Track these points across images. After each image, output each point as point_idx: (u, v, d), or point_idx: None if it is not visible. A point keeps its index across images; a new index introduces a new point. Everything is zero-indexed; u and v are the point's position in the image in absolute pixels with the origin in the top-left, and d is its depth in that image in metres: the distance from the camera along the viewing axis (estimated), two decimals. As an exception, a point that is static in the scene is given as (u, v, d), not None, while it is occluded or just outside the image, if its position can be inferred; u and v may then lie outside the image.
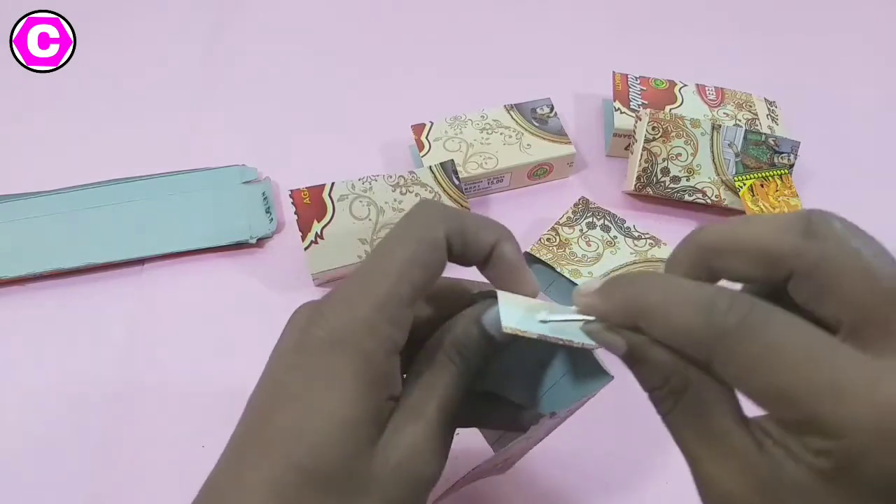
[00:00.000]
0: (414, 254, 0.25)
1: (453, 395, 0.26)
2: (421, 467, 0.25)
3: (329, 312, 0.25)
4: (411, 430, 0.25)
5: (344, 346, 0.24)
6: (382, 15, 0.67)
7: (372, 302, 0.24)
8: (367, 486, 0.24)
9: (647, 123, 0.52)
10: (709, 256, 0.25)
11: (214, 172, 0.53)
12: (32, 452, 0.41)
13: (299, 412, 0.24)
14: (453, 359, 0.27)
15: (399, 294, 0.25)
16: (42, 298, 0.47)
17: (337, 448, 0.23)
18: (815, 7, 0.70)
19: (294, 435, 0.24)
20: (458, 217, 0.27)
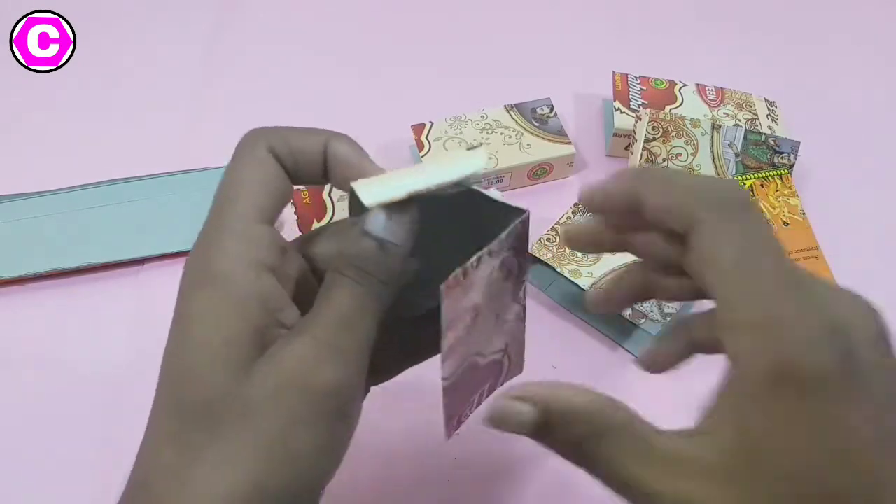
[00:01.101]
0: (243, 174, 0.26)
1: (350, 302, 0.24)
2: (311, 377, 0.23)
3: (195, 252, 0.26)
4: (296, 343, 0.24)
5: (200, 277, 0.24)
6: (382, 15, 0.67)
7: (214, 227, 0.25)
8: (245, 406, 0.23)
9: (647, 123, 0.52)
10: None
11: (214, 172, 0.53)
12: (33, 452, 0.41)
13: (173, 351, 0.24)
14: (345, 272, 0.25)
15: (239, 213, 0.25)
16: (42, 298, 0.47)
17: (209, 376, 0.23)
18: (816, 7, 0.70)
19: (167, 372, 0.24)
20: (279, 132, 0.27)
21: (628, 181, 0.26)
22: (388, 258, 0.25)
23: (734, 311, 0.22)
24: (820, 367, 0.21)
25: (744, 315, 0.22)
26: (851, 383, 0.21)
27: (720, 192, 0.24)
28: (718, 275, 0.23)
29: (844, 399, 0.21)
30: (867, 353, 0.21)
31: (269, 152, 0.26)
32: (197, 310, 0.24)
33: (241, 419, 0.23)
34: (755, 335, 0.22)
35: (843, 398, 0.21)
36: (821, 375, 0.21)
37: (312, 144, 0.27)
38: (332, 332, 0.24)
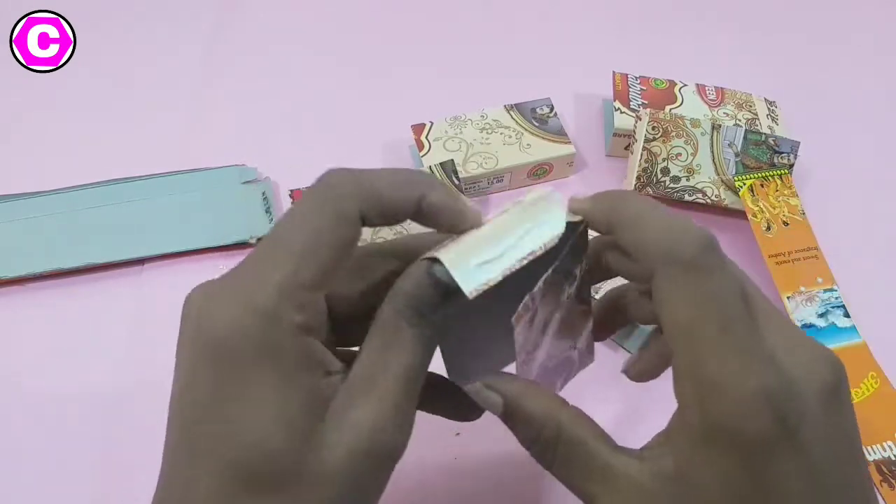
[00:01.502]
0: (318, 232, 0.23)
1: (412, 360, 0.24)
2: (379, 445, 0.23)
3: (222, 303, 0.22)
4: (363, 406, 0.23)
5: (245, 341, 0.22)
6: (382, 15, 0.67)
7: (269, 291, 0.22)
8: (314, 475, 0.22)
9: (647, 123, 0.52)
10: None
11: (214, 172, 0.53)
12: (33, 452, 0.41)
13: (221, 418, 0.22)
14: (409, 319, 0.24)
15: (301, 280, 0.22)
16: (42, 298, 0.47)
17: (271, 444, 0.22)
18: (816, 7, 0.70)
19: (222, 438, 0.22)
20: (370, 184, 0.24)
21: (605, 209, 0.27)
22: (450, 304, 0.25)
23: (680, 366, 0.23)
24: (754, 431, 0.21)
25: (689, 372, 0.23)
26: (787, 445, 0.22)
27: (684, 243, 0.24)
28: (668, 329, 0.24)
29: (778, 460, 0.22)
30: (810, 413, 0.22)
31: (357, 214, 0.24)
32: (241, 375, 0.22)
33: (311, 485, 0.22)
34: (697, 394, 0.22)
35: (777, 460, 0.22)
36: (754, 438, 0.22)
37: (408, 200, 0.25)
38: (399, 393, 0.24)
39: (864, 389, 0.44)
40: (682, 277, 0.23)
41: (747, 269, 0.52)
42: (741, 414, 0.21)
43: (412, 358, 0.24)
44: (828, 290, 0.48)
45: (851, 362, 0.45)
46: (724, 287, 0.23)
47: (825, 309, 0.47)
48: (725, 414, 0.22)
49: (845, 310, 0.47)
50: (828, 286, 0.48)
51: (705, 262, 0.23)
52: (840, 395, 0.23)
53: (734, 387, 0.22)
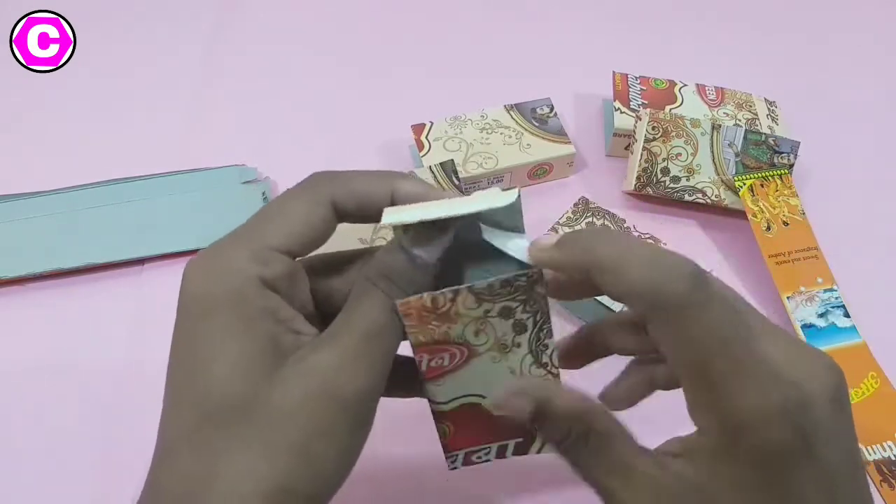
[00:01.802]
0: (290, 209, 0.26)
1: (376, 317, 0.25)
2: (338, 385, 0.24)
3: (200, 264, 0.25)
4: (324, 352, 0.25)
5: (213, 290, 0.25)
6: (382, 15, 0.67)
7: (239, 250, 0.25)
8: (272, 412, 0.23)
9: (647, 123, 0.52)
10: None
11: (214, 172, 0.53)
12: (33, 452, 0.41)
13: (190, 362, 0.24)
14: (377, 282, 0.26)
15: (268, 241, 0.25)
16: (42, 298, 0.47)
17: (229, 384, 0.24)
18: (816, 7, 0.70)
19: (190, 378, 0.24)
20: (345, 178, 0.27)
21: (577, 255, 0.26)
22: (418, 273, 0.26)
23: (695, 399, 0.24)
24: (774, 446, 0.22)
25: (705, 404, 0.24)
26: (806, 455, 0.22)
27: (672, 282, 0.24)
28: (676, 368, 0.24)
29: (798, 471, 0.22)
30: (822, 421, 0.23)
31: (329, 199, 0.27)
32: (209, 324, 0.24)
33: (267, 425, 0.23)
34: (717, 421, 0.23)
35: (797, 471, 0.22)
36: (776, 453, 0.22)
37: (379, 191, 0.27)
38: (361, 340, 0.25)
39: (864, 389, 0.44)
40: (678, 320, 0.24)
41: (747, 269, 0.52)
42: (761, 432, 0.22)
43: (375, 314, 0.26)
44: (828, 290, 0.48)
45: (851, 362, 0.45)
46: (721, 318, 0.24)
47: (825, 309, 0.47)
48: (746, 434, 0.23)
49: (845, 310, 0.47)
50: (828, 286, 0.48)
51: (697, 297, 0.23)
52: (843, 399, 0.24)
53: (751, 409, 0.22)
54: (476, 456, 0.30)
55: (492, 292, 0.26)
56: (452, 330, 0.27)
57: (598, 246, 0.25)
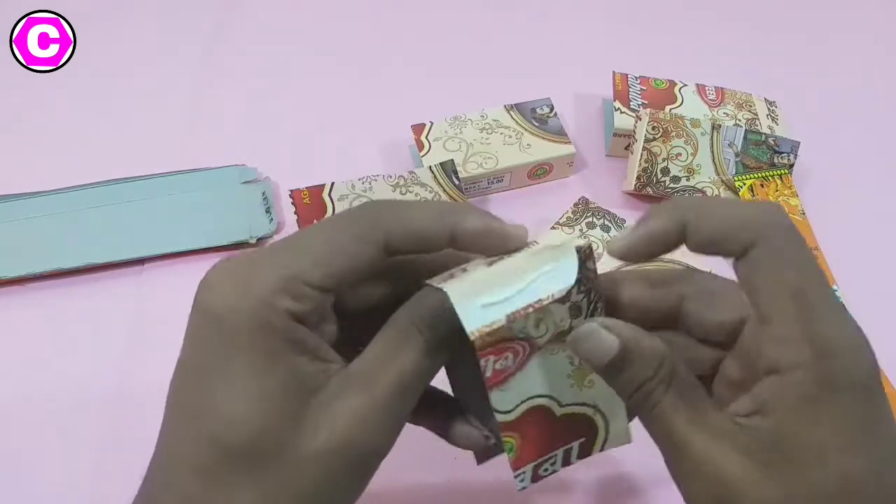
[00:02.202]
0: (334, 243, 0.24)
1: (415, 368, 0.25)
2: (362, 439, 0.24)
3: (226, 284, 0.24)
4: (354, 399, 0.24)
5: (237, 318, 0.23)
6: (382, 15, 0.67)
7: (270, 279, 0.23)
8: (289, 458, 0.23)
9: (647, 123, 0.52)
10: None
11: (214, 172, 0.53)
12: (32, 452, 0.41)
13: (207, 389, 0.23)
14: (420, 329, 0.25)
15: (303, 276, 0.23)
16: (42, 298, 0.47)
17: (251, 420, 0.23)
18: (816, 7, 0.70)
19: (204, 408, 0.23)
20: (399, 213, 0.25)
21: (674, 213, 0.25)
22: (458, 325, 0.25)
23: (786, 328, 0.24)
24: (862, 375, 0.23)
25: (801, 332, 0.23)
26: (880, 388, 0.23)
27: (778, 213, 0.25)
28: (773, 293, 0.24)
29: (881, 400, 0.23)
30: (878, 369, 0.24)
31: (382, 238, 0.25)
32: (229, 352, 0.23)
33: (287, 467, 0.23)
34: (812, 352, 0.23)
35: (881, 400, 0.23)
36: (863, 381, 0.23)
37: (439, 229, 0.25)
38: (394, 392, 0.24)
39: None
40: (786, 243, 0.24)
41: (747, 269, 0.52)
42: (854, 363, 0.23)
43: (414, 365, 0.24)
44: (828, 290, 0.48)
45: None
46: (811, 255, 0.24)
47: (825, 309, 0.47)
48: (841, 363, 0.23)
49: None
50: (828, 286, 0.48)
51: (793, 231, 0.24)
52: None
53: (845, 338, 0.23)
54: (543, 469, 0.29)
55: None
56: (516, 323, 0.25)
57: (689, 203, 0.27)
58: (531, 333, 0.26)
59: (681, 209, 0.25)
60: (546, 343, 0.26)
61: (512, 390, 0.26)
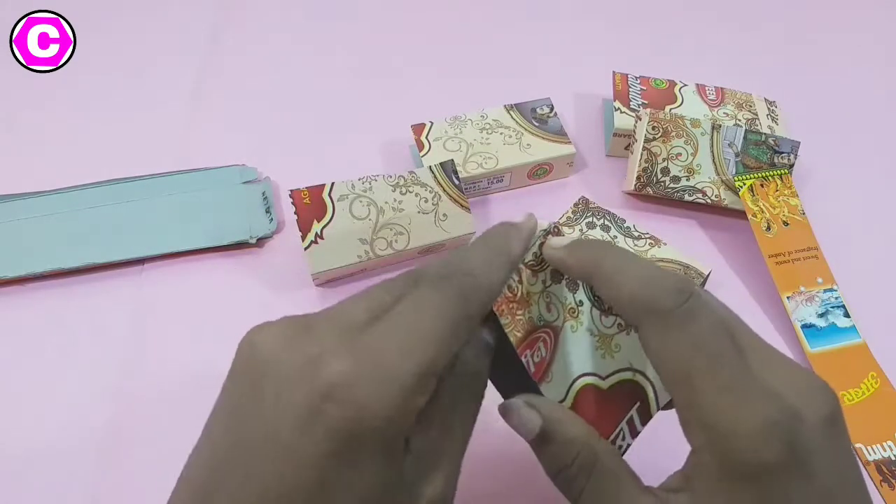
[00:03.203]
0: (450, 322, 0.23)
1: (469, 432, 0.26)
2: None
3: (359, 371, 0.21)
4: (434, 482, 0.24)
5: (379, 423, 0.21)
6: (382, 15, 0.67)
7: (414, 369, 0.21)
8: None
9: (647, 123, 0.52)
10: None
11: (214, 172, 0.53)
12: (32, 452, 0.41)
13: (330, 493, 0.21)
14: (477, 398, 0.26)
15: (435, 368, 0.22)
16: (42, 298, 0.47)
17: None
18: (816, 7, 0.70)
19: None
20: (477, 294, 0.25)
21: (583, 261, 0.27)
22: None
23: (685, 413, 0.24)
24: (767, 462, 0.22)
25: (695, 418, 0.23)
26: (801, 472, 0.22)
27: (661, 295, 0.24)
28: (664, 380, 0.24)
29: (793, 488, 0.22)
30: (815, 440, 0.22)
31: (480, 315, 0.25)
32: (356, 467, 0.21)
33: None
34: (707, 438, 0.23)
35: (792, 487, 0.22)
36: (769, 469, 0.22)
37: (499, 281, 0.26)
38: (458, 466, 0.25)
39: (864, 389, 0.44)
40: (665, 330, 0.24)
41: (747, 269, 0.52)
42: (752, 448, 0.22)
43: (469, 432, 0.26)
44: (828, 290, 0.48)
45: (851, 362, 0.45)
46: (708, 331, 0.24)
47: (825, 309, 0.47)
48: (737, 451, 0.22)
49: (845, 310, 0.47)
50: (828, 286, 0.48)
51: (687, 309, 0.24)
52: (838, 423, 0.23)
53: (740, 423, 0.22)
54: (617, 447, 0.29)
55: (537, 261, 0.29)
56: (532, 312, 0.28)
57: (603, 257, 0.26)
58: (547, 318, 0.28)
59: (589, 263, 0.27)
60: (564, 323, 0.29)
61: (556, 378, 0.28)
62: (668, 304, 0.24)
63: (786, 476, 0.22)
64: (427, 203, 0.48)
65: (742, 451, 0.22)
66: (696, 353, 0.23)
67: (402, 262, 0.49)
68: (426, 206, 0.48)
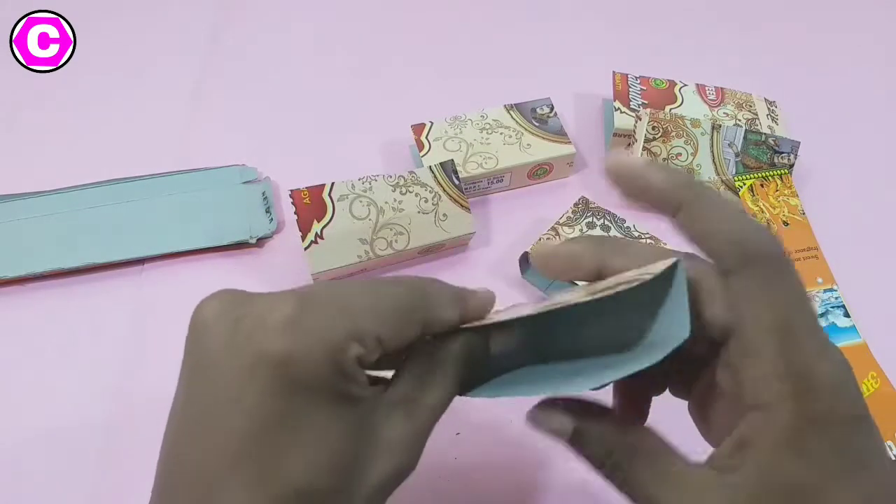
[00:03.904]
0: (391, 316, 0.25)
1: (447, 398, 0.27)
2: (407, 464, 0.25)
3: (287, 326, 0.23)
4: (400, 429, 0.25)
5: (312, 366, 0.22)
6: (383, 15, 0.67)
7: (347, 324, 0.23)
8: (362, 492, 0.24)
9: (647, 123, 0.52)
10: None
11: (214, 172, 0.53)
12: (32, 452, 0.41)
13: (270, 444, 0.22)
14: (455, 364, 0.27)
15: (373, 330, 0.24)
16: (42, 298, 0.47)
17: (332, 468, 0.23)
18: (816, 7, 0.71)
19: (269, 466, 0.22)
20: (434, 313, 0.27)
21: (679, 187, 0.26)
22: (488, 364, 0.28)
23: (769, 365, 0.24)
24: (849, 413, 0.23)
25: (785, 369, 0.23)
26: (868, 420, 0.23)
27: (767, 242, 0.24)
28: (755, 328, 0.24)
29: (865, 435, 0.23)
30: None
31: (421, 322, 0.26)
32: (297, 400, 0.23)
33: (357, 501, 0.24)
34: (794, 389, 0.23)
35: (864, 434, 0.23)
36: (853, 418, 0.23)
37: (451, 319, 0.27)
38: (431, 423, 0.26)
39: (864, 389, 0.44)
40: (771, 275, 0.24)
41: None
42: (837, 400, 0.23)
43: (448, 395, 0.26)
44: (828, 290, 0.48)
45: (851, 362, 0.45)
46: (800, 282, 0.24)
47: (825, 309, 0.47)
48: (824, 402, 0.23)
49: (845, 310, 0.47)
50: (828, 286, 0.48)
51: (786, 262, 0.24)
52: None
53: (827, 377, 0.23)
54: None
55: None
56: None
57: (700, 187, 0.26)
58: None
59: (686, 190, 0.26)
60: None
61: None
62: (775, 250, 0.24)
63: (856, 425, 0.23)
64: (427, 203, 0.48)
65: (829, 401, 0.23)
66: (796, 299, 0.24)
67: (402, 262, 0.49)
68: (426, 206, 0.48)
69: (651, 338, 0.26)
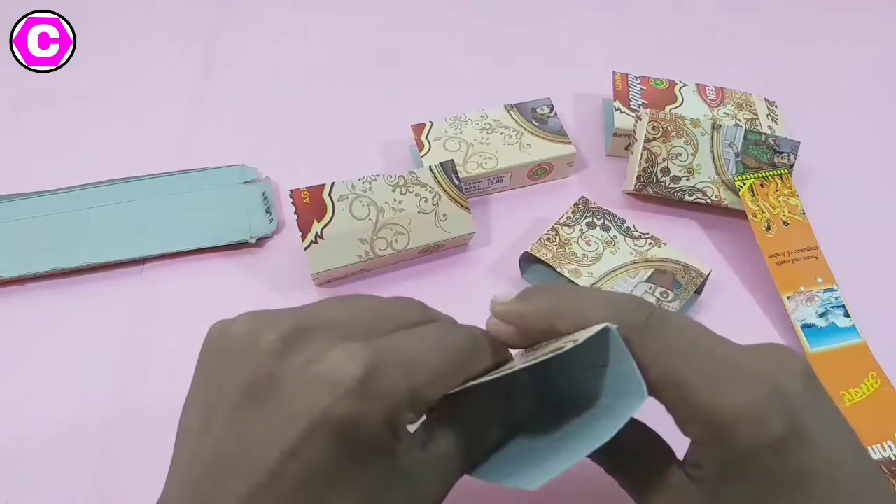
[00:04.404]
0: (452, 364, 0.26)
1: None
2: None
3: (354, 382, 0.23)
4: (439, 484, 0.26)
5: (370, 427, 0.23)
6: (382, 15, 0.67)
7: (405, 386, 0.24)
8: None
9: (647, 123, 0.52)
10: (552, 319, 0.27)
11: (214, 172, 0.53)
12: (32, 452, 0.41)
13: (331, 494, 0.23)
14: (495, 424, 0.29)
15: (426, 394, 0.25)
16: (42, 298, 0.47)
17: None
18: (815, 7, 0.70)
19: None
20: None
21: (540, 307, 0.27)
22: None
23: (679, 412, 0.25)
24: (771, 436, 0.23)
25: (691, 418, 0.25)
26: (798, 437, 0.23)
27: (629, 309, 0.25)
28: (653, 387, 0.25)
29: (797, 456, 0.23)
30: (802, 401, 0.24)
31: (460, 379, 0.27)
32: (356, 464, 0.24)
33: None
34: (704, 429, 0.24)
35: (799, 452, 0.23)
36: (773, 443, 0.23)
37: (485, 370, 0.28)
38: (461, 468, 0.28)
39: (864, 389, 0.44)
40: (642, 341, 0.25)
41: (747, 269, 0.52)
42: (754, 429, 0.23)
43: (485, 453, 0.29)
44: (828, 290, 0.48)
45: (851, 362, 0.45)
46: (680, 332, 0.25)
47: (825, 309, 0.47)
48: (740, 436, 0.23)
49: (845, 310, 0.47)
50: (828, 286, 0.48)
51: (656, 319, 0.25)
52: (813, 377, 0.25)
53: (735, 409, 0.23)
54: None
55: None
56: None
57: (559, 295, 0.27)
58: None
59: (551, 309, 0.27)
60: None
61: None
62: (639, 318, 0.25)
63: (791, 443, 0.23)
64: (427, 203, 0.48)
65: (745, 434, 0.23)
66: (672, 353, 0.25)
67: (402, 263, 0.49)
68: (426, 206, 0.48)
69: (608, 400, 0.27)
